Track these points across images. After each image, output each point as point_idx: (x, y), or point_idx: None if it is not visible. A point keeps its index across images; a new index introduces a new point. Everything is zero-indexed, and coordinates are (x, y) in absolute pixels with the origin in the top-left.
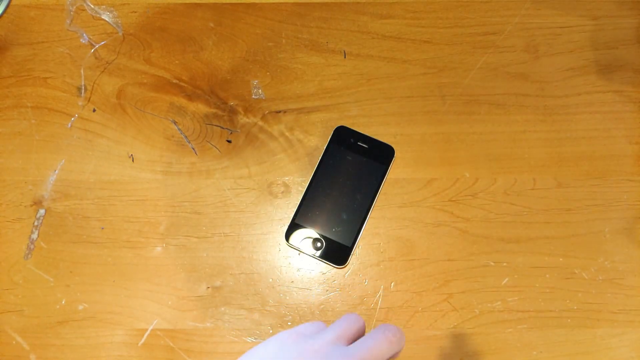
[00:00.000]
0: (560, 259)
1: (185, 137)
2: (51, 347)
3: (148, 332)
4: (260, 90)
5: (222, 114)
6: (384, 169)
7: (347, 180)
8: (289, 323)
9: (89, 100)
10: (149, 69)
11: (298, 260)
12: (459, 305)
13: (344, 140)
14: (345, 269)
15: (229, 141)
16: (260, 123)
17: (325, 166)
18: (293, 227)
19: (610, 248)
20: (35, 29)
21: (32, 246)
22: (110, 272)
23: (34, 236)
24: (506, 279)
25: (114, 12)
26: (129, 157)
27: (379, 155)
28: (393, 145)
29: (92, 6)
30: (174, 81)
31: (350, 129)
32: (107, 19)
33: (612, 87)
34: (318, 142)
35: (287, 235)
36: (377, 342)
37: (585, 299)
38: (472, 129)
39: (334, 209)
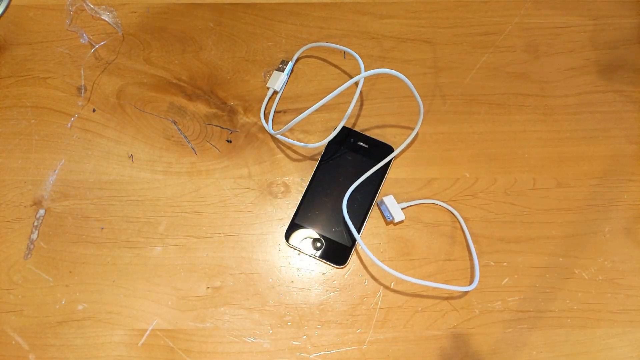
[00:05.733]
0: (560, 259)
1: (185, 137)
2: (50, 347)
3: (148, 332)
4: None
5: (221, 113)
6: (383, 169)
7: (347, 180)
8: (289, 323)
9: (88, 100)
10: (148, 69)
11: (298, 260)
12: (459, 306)
13: (344, 140)
14: (345, 269)
15: (228, 141)
16: (260, 123)
17: (325, 166)
18: (293, 227)
19: (610, 248)
20: (35, 29)
21: (31, 246)
22: (109, 272)
23: (34, 236)
24: (506, 279)
25: (114, 12)
26: (129, 157)
27: (379, 155)
28: (393, 145)
29: (91, 6)
30: (174, 81)
31: (350, 129)
32: (106, 19)
33: (612, 87)
34: (318, 142)
35: (287, 236)
36: None
37: (585, 299)
38: (472, 128)
39: (333, 209)
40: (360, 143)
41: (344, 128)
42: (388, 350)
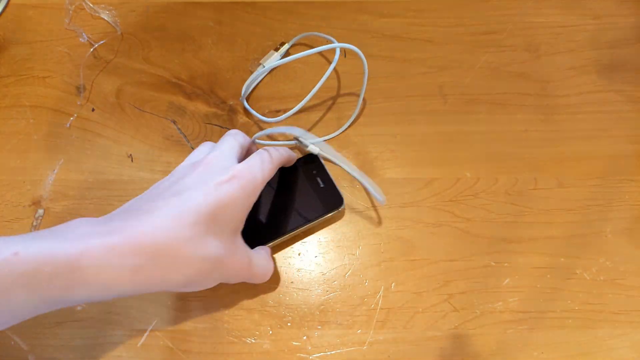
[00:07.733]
0: (562, 259)
1: (185, 136)
2: (49, 347)
3: (147, 332)
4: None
5: (221, 113)
6: (323, 212)
7: (289, 199)
8: (289, 324)
9: (87, 100)
10: (148, 68)
11: (298, 260)
12: (460, 306)
13: (308, 168)
14: (346, 269)
15: None
16: (260, 121)
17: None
18: None
19: (612, 248)
20: (34, 28)
21: None
22: None
23: None
24: (507, 280)
25: (113, 11)
26: (128, 156)
27: (328, 199)
28: (392, 146)
29: (91, 5)
30: (173, 80)
31: (320, 162)
32: (106, 18)
33: (613, 87)
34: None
35: None
36: (252, 159)
37: (586, 300)
38: (473, 128)
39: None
40: (319, 179)
41: (315, 157)
42: (388, 351)
